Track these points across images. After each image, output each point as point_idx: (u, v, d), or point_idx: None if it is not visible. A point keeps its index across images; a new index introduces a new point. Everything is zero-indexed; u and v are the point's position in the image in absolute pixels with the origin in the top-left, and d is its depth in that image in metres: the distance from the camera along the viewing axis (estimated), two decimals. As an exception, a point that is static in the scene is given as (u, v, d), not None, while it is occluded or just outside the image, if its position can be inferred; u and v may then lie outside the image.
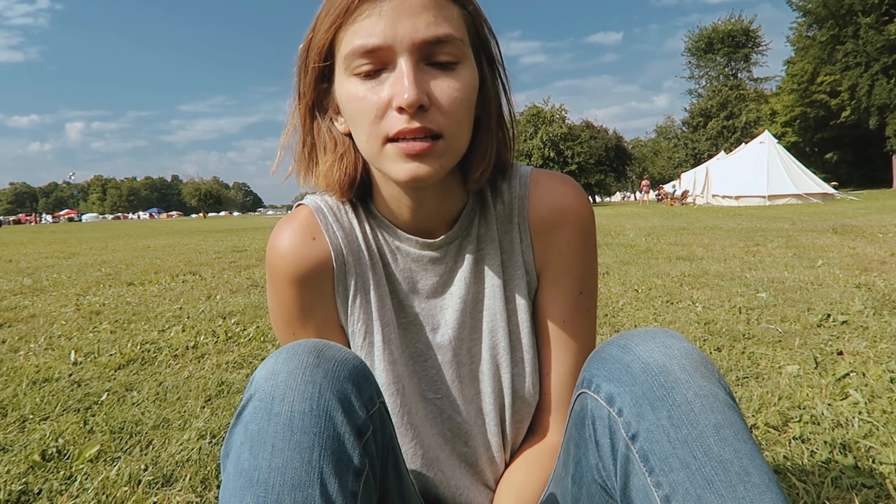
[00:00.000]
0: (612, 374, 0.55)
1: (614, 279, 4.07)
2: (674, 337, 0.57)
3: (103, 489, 1.33)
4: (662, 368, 0.53)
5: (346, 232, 0.70)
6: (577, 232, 0.71)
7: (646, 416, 0.51)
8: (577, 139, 36.65)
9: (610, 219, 13.09)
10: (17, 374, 2.26)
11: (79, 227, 30.41)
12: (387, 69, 0.57)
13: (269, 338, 2.73)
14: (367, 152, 0.61)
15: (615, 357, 0.57)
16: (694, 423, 0.49)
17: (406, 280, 0.73)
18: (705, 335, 2.45)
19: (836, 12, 30.94)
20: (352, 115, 0.60)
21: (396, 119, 0.56)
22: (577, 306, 0.73)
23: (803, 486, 1.22)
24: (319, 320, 0.71)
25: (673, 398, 0.51)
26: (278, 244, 0.68)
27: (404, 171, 0.57)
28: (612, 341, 0.60)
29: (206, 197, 58.83)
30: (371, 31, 0.55)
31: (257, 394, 0.52)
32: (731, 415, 0.51)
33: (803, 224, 8.48)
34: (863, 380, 1.82)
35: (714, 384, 0.53)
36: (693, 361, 0.54)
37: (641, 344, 0.56)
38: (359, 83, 0.58)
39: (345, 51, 0.57)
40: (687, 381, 0.52)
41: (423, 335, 0.74)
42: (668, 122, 60.38)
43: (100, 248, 10.01)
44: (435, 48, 0.56)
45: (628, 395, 0.53)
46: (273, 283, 0.70)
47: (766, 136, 20.40)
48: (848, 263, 4.25)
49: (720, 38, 49.97)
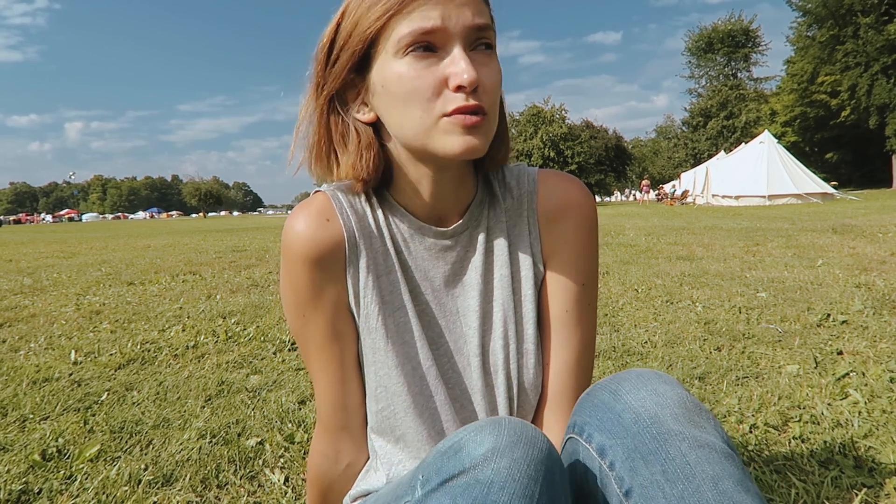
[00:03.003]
0: (602, 424, 0.55)
1: (614, 279, 4.07)
2: (666, 382, 0.56)
3: (103, 489, 1.33)
4: (654, 419, 0.52)
5: (359, 216, 0.71)
6: (582, 224, 0.74)
7: (639, 470, 0.50)
8: (577, 139, 36.63)
9: (610, 219, 13.08)
10: (18, 374, 2.27)
11: (79, 227, 30.40)
12: (438, 53, 0.60)
13: (269, 337, 2.73)
14: (417, 129, 0.62)
15: (606, 404, 0.56)
16: (690, 478, 0.48)
17: (418, 268, 0.73)
18: (705, 335, 2.45)
19: (835, 12, 30.94)
20: (403, 93, 0.61)
21: (453, 97, 0.59)
22: (579, 298, 0.74)
23: (803, 486, 1.22)
24: (330, 304, 0.71)
25: (666, 451, 0.50)
26: (294, 226, 0.69)
27: (459, 143, 0.60)
28: (602, 385, 0.59)
29: (207, 197, 58.82)
30: (429, 15, 0.59)
31: (475, 470, 0.50)
32: (728, 465, 0.49)
33: (803, 224, 8.49)
34: (862, 379, 1.82)
35: (709, 433, 0.52)
36: (686, 410, 0.53)
37: (632, 391, 0.55)
38: (413, 62, 0.60)
39: (399, 34, 0.59)
40: (681, 433, 0.51)
41: (436, 323, 0.74)
42: (668, 121, 60.39)
43: (100, 247, 10.01)
44: (479, 34, 0.61)
45: (620, 448, 0.52)
46: (287, 265, 0.71)
47: (765, 135, 20.41)
48: (848, 263, 4.25)
49: (720, 38, 49.97)
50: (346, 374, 0.73)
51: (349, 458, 0.76)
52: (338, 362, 0.73)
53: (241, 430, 1.65)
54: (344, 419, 0.75)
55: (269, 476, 1.38)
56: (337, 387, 0.73)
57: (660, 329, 2.60)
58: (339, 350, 0.72)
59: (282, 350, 2.51)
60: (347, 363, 0.73)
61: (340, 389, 0.73)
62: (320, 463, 0.77)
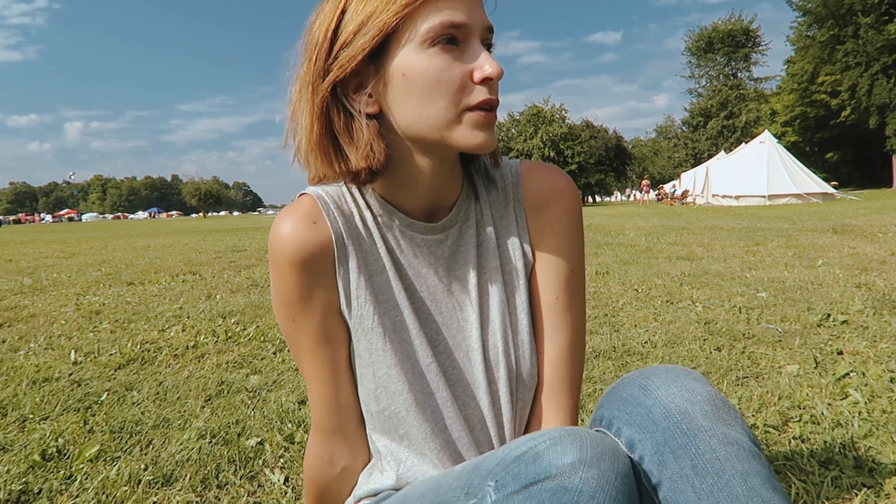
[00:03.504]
0: (632, 419, 0.55)
1: (614, 279, 4.07)
2: (696, 379, 0.57)
3: (103, 489, 1.33)
4: (685, 415, 0.52)
5: (346, 217, 0.71)
6: (567, 210, 0.75)
7: (668, 464, 0.50)
8: (577, 139, 36.67)
9: (610, 219, 13.08)
10: (18, 374, 2.27)
11: (79, 227, 30.40)
12: (461, 46, 0.62)
13: (269, 337, 2.73)
14: (440, 120, 0.62)
15: (636, 399, 0.56)
16: (720, 473, 0.48)
17: (411, 265, 0.73)
18: (705, 335, 2.45)
19: (835, 12, 30.94)
20: (431, 84, 0.61)
21: (479, 90, 0.62)
22: (568, 285, 0.75)
23: (803, 486, 1.22)
24: (320, 307, 0.70)
25: (696, 446, 0.50)
26: (280, 229, 0.69)
27: (480, 138, 0.63)
28: (631, 379, 0.60)
29: (207, 197, 58.86)
30: (457, 9, 0.61)
31: (560, 477, 0.49)
32: (756, 463, 0.50)
33: (803, 224, 8.48)
34: (863, 379, 1.82)
35: (738, 431, 0.52)
36: (716, 407, 0.53)
37: (663, 386, 0.56)
38: (442, 53, 0.61)
39: (429, 24, 0.60)
40: (710, 429, 0.51)
41: (433, 320, 0.74)
42: (668, 121, 60.43)
43: (100, 247, 10.01)
44: (489, 34, 0.64)
45: (649, 443, 0.52)
46: (275, 269, 0.70)
47: (766, 135, 20.40)
48: (848, 263, 4.25)
49: (720, 38, 49.97)
50: (339, 376, 0.73)
51: (344, 460, 0.76)
52: (330, 365, 0.72)
53: (241, 430, 1.65)
54: (337, 422, 0.75)
55: (269, 476, 1.38)
56: (329, 389, 0.73)
57: (660, 329, 2.60)
58: (330, 353, 0.72)
59: (282, 350, 2.51)
60: (339, 366, 0.73)
61: (333, 392, 0.73)
62: (316, 465, 0.77)
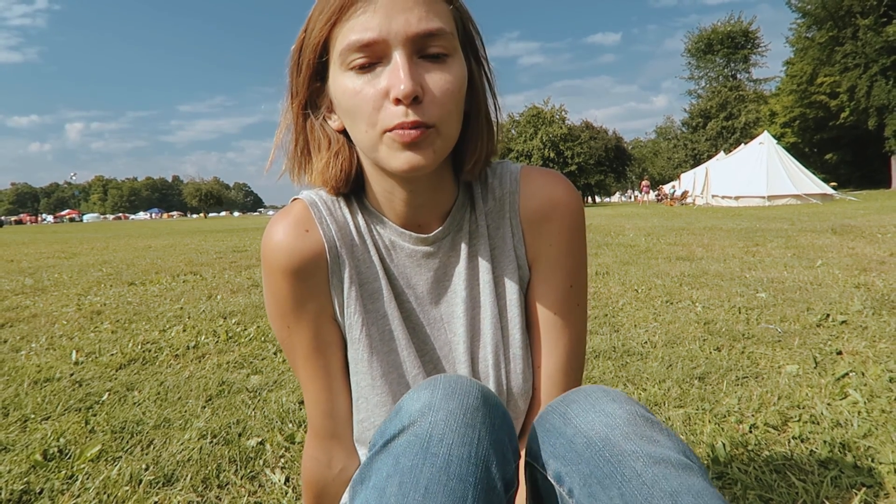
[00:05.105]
0: (556, 450, 0.54)
1: (614, 279, 4.07)
2: (615, 400, 0.56)
3: (104, 489, 1.33)
4: (606, 441, 0.51)
5: (339, 225, 0.70)
6: (567, 224, 0.72)
7: (598, 496, 0.50)
8: (576, 140, 36.70)
9: (610, 219, 13.09)
10: (19, 374, 2.27)
11: (80, 228, 30.37)
12: (381, 63, 0.57)
13: (269, 338, 2.73)
14: (365, 144, 0.61)
15: (557, 429, 0.55)
16: (648, 498, 0.47)
17: (402, 275, 0.72)
18: (705, 335, 2.45)
19: (834, 14, 30.95)
20: (349, 108, 0.60)
21: (393, 112, 0.57)
22: (567, 300, 0.73)
23: (803, 486, 1.22)
24: (313, 314, 0.70)
25: (622, 473, 0.49)
26: (272, 236, 0.69)
27: (401, 160, 0.58)
28: (553, 407, 0.59)
29: (207, 197, 58.92)
30: (367, 26, 0.56)
31: (413, 427, 0.50)
32: (687, 478, 0.49)
33: (802, 224, 8.49)
34: (862, 379, 1.82)
35: (664, 447, 0.51)
36: (637, 426, 0.52)
37: (581, 414, 0.55)
38: (355, 77, 0.58)
39: (340, 46, 0.58)
40: (634, 451, 0.50)
41: (422, 331, 0.73)
42: (668, 122, 60.25)
43: (101, 248, 10.01)
44: (427, 41, 0.57)
45: (576, 475, 0.52)
46: (267, 276, 0.70)
47: (765, 136, 20.39)
48: (847, 263, 4.25)
49: (719, 40, 49.94)
50: (334, 382, 0.72)
51: (342, 463, 0.76)
52: (325, 371, 0.72)
53: (242, 431, 1.65)
54: (333, 427, 0.74)
55: (269, 476, 1.39)
56: (325, 395, 0.72)
57: (660, 329, 2.61)
58: (325, 360, 0.71)
59: (282, 350, 2.51)
60: (335, 372, 0.72)
61: (329, 398, 0.73)
62: (313, 467, 0.76)
